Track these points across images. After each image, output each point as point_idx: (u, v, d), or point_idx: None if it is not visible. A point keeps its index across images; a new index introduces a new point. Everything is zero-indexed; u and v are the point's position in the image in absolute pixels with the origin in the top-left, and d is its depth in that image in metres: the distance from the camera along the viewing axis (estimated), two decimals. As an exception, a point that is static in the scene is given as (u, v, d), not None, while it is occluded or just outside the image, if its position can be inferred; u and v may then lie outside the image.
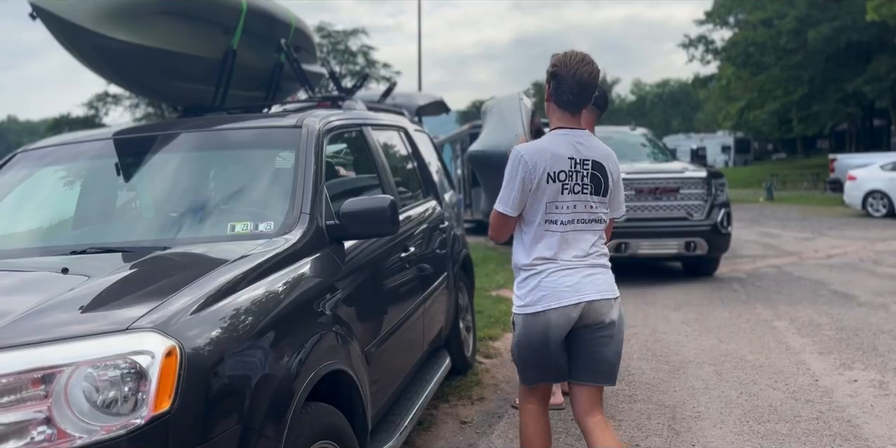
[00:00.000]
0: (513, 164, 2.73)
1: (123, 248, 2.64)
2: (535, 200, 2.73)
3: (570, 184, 2.71)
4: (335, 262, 2.78)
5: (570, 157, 2.72)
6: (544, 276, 2.73)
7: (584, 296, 2.71)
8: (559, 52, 2.82)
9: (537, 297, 2.73)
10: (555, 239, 2.74)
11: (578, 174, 2.73)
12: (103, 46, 3.40)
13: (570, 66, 2.70)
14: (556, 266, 2.74)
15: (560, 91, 2.74)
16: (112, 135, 3.49)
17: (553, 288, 2.71)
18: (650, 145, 10.40)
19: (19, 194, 3.27)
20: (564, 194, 2.71)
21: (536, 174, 2.68)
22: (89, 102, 43.84)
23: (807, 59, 29.01)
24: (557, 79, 2.73)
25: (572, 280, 2.72)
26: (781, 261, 10.00)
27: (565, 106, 2.76)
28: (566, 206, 2.73)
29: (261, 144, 3.25)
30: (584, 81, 2.70)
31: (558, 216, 2.73)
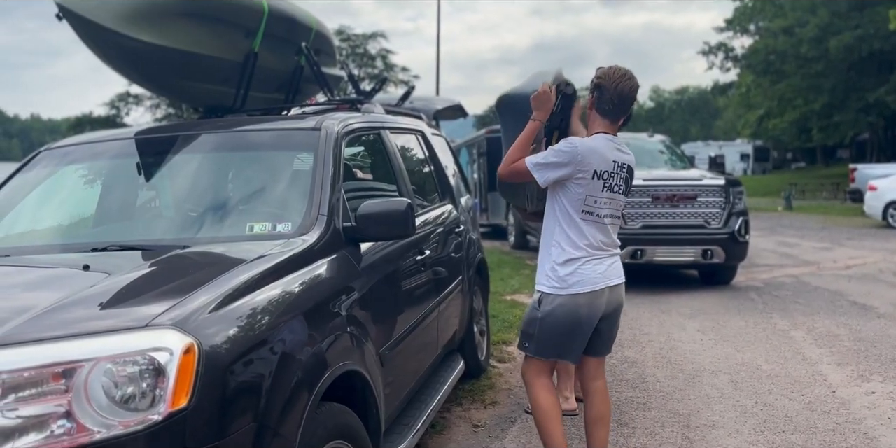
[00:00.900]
0: (567, 152, 3.03)
1: (143, 246, 2.67)
2: (576, 191, 3.07)
3: (609, 183, 3.09)
4: (351, 264, 2.80)
5: (614, 161, 3.10)
6: (581, 263, 3.10)
7: (611, 280, 3.15)
8: (604, 65, 3.18)
9: (573, 281, 3.09)
10: (591, 229, 3.10)
11: (617, 176, 3.12)
12: (127, 47, 3.43)
13: (614, 79, 3.04)
14: (589, 255, 3.10)
15: (602, 101, 3.10)
16: (133, 134, 3.53)
17: (587, 275, 3.09)
18: (668, 152, 10.36)
19: (42, 192, 3.32)
20: (603, 191, 3.09)
21: (585, 168, 3.02)
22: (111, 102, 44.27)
23: (828, 68, 28.76)
24: (601, 90, 3.08)
25: (601, 268, 3.13)
26: (799, 270, 9.92)
27: (606, 115, 3.12)
28: (603, 201, 3.11)
29: (280, 146, 3.28)
30: (624, 94, 3.07)
31: (596, 209, 3.10)
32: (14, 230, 3.14)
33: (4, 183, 3.36)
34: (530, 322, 3.24)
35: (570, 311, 3.11)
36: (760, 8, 32.83)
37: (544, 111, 3.25)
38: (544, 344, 3.19)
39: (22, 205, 3.27)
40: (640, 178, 8.39)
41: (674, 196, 8.24)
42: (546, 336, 3.17)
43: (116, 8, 3.39)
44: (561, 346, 3.20)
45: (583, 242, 3.10)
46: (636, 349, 5.83)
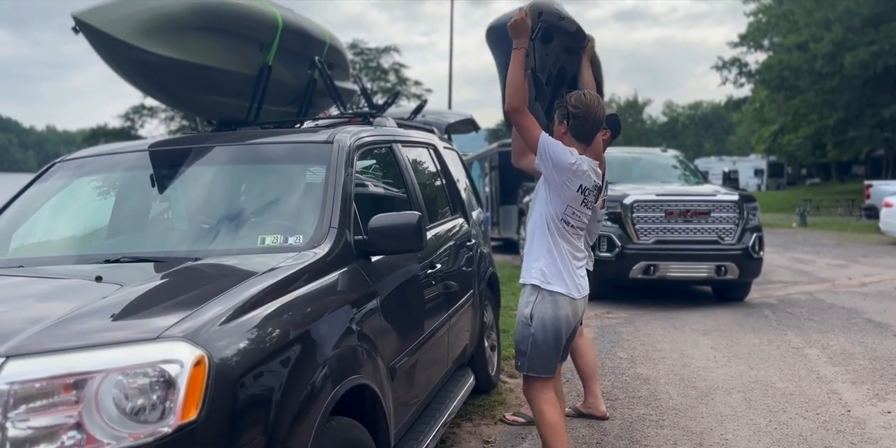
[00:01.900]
0: (570, 155, 3.22)
1: (156, 257, 2.68)
2: (560, 196, 3.29)
3: (587, 200, 3.35)
4: (362, 277, 2.80)
5: (593, 181, 3.33)
6: (562, 266, 3.32)
7: (585, 290, 3.44)
8: (573, 91, 3.36)
9: (561, 282, 3.31)
10: (569, 237, 3.35)
11: (592, 193, 3.37)
12: (143, 60, 3.46)
13: (591, 108, 3.25)
14: (567, 262, 3.33)
15: (580, 128, 3.29)
16: (147, 147, 3.55)
17: (572, 279, 3.34)
18: (681, 167, 10.33)
19: (56, 203, 3.35)
20: (581, 206, 3.33)
21: (576, 177, 3.24)
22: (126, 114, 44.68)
23: (843, 84, 28.64)
24: (579, 118, 3.27)
25: (581, 274, 3.42)
26: (814, 287, 9.83)
27: (581, 139, 3.32)
28: (580, 214, 3.36)
29: (292, 159, 3.29)
30: (599, 120, 3.31)
31: (573, 220, 3.34)
32: (28, 240, 3.17)
33: (20, 194, 3.38)
34: (522, 339, 3.39)
35: (562, 316, 3.32)
36: (774, 24, 32.80)
37: (523, 38, 3.29)
38: (542, 359, 3.36)
39: (37, 215, 3.29)
40: (654, 193, 8.41)
41: (687, 211, 8.20)
42: (544, 347, 3.34)
43: (132, 22, 3.43)
44: (552, 355, 3.38)
45: (567, 247, 3.34)
46: (649, 366, 5.78)
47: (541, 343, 3.32)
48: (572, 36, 3.83)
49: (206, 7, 3.71)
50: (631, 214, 8.18)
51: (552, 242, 3.31)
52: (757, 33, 36.38)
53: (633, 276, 8.16)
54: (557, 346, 3.36)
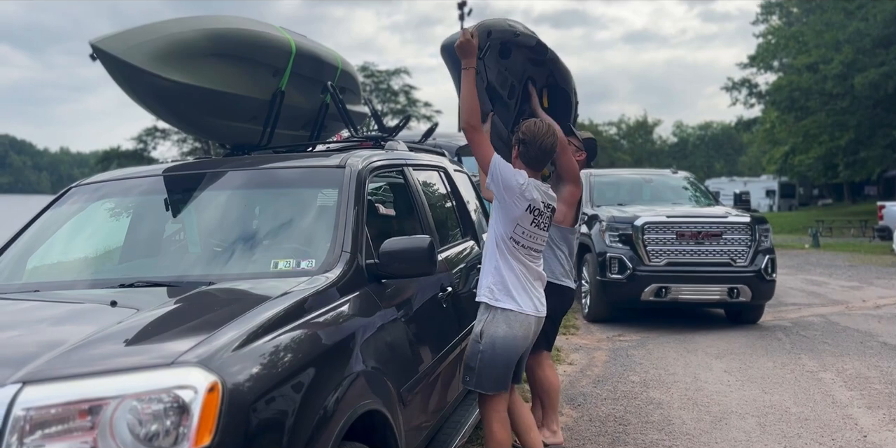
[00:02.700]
0: (519, 177, 3.34)
1: (170, 282, 2.70)
2: (508, 216, 3.38)
3: (539, 220, 3.42)
4: (374, 302, 2.80)
5: (542, 201, 3.42)
6: (512, 284, 3.39)
7: (541, 309, 3.49)
8: (528, 119, 3.55)
9: (511, 299, 3.38)
10: (521, 257, 3.42)
11: (545, 215, 3.46)
12: (158, 86, 3.51)
13: (538, 137, 3.39)
14: (519, 280, 3.41)
15: (527, 155, 3.44)
16: (162, 171, 3.59)
17: (526, 297, 3.41)
18: (692, 188, 10.31)
19: (72, 227, 3.38)
20: (531, 226, 3.41)
21: (524, 198, 3.34)
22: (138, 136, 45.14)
23: (853, 105, 28.61)
24: (525, 144, 3.42)
25: (538, 294, 3.47)
26: (828, 310, 9.74)
27: (529, 165, 3.45)
28: (531, 234, 3.42)
29: (305, 183, 3.32)
30: (546, 149, 3.42)
31: (523, 240, 3.41)
32: (44, 265, 3.20)
33: (36, 218, 3.42)
34: (472, 356, 3.47)
35: (519, 334, 3.40)
36: (784, 45, 32.89)
37: (470, 58, 3.46)
38: (498, 374, 3.43)
39: (52, 240, 3.33)
40: (664, 214, 8.40)
41: (699, 233, 8.18)
42: (502, 363, 3.42)
43: (148, 49, 3.48)
44: (506, 372, 3.45)
45: (520, 268, 3.41)
46: (661, 390, 5.74)
47: (488, 360, 3.40)
48: (533, 49, 4.07)
49: (220, 34, 3.76)
50: (642, 236, 8.17)
51: (501, 261, 3.41)
52: (766, 54, 36.49)
53: (644, 299, 8.12)
54: (507, 364, 3.44)
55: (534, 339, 3.56)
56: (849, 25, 26.55)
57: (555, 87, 4.43)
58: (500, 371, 3.43)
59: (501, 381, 3.46)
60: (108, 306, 2.34)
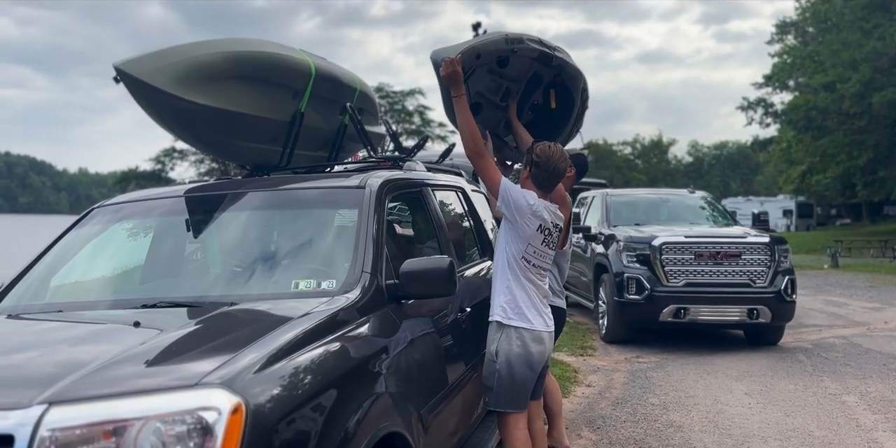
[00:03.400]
0: (529, 198, 3.44)
1: (192, 302, 2.71)
2: (520, 236, 3.45)
3: (548, 239, 3.49)
4: (394, 322, 2.80)
5: (551, 221, 3.51)
6: (524, 302, 3.45)
7: (551, 326, 3.55)
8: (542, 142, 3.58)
9: (523, 317, 3.44)
10: (531, 276, 3.49)
11: (553, 234, 3.54)
12: (181, 108, 3.55)
13: (552, 161, 3.47)
14: (531, 298, 3.48)
15: (539, 177, 3.51)
16: (184, 192, 3.62)
17: (537, 315, 3.48)
18: (709, 208, 10.25)
19: (95, 248, 3.41)
20: (542, 245, 3.48)
21: (535, 217, 3.42)
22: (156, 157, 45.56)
23: (871, 124, 28.43)
24: (538, 167, 3.49)
25: (547, 311, 3.56)
26: (849, 331, 9.61)
27: (540, 186, 3.53)
28: (541, 253, 3.50)
29: (325, 204, 3.34)
30: (558, 173, 3.51)
31: (534, 259, 3.48)
32: (68, 284, 3.23)
33: (59, 238, 3.45)
34: (489, 376, 3.49)
35: (535, 351, 3.44)
36: (800, 64, 32.80)
37: (458, 86, 3.60)
38: (517, 393, 3.47)
39: (76, 260, 3.36)
40: (682, 234, 8.35)
41: (717, 254, 8.11)
42: (520, 381, 3.46)
43: (171, 71, 3.53)
44: (525, 389, 3.49)
45: (530, 286, 3.48)
46: (682, 413, 5.66)
47: (506, 379, 3.44)
48: (538, 59, 4.14)
49: (242, 57, 3.81)
50: (660, 256, 8.12)
51: (513, 280, 3.47)
52: (782, 74, 36.39)
53: (662, 320, 8.04)
54: (525, 381, 3.47)
55: (549, 354, 3.61)
56: (866, 44, 26.45)
57: (562, 87, 4.47)
58: (519, 389, 3.48)
59: (520, 399, 3.50)
60: (130, 327, 2.36)
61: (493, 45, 3.88)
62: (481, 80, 4.27)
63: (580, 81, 4.46)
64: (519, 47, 3.94)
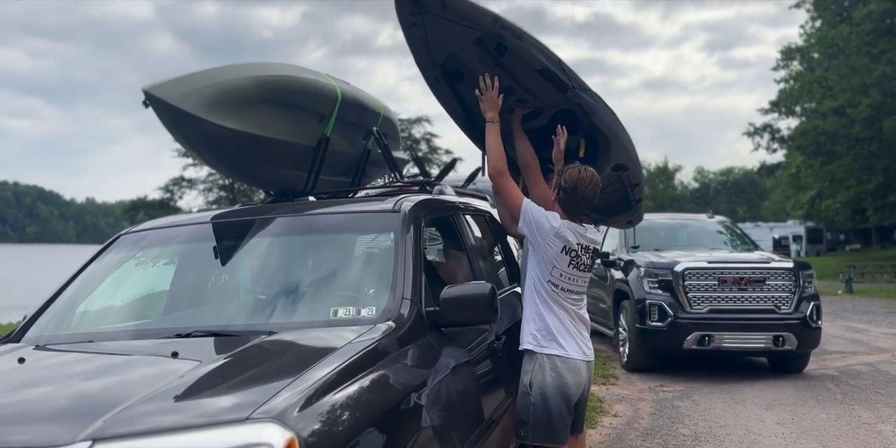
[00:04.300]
0: (553, 219, 3.35)
1: (228, 331, 2.60)
2: (544, 258, 3.35)
3: (577, 261, 3.37)
4: (436, 351, 2.70)
5: (577, 242, 3.38)
6: (556, 328, 3.32)
7: (589, 354, 3.42)
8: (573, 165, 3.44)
9: (557, 344, 3.31)
10: (561, 300, 3.36)
11: (585, 255, 3.41)
12: (210, 133, 3.49)
13: (580, 186, 3.35)
14: (563, 323, 3.35)
15: (567, 202, 3.41)
16: (211, 218, 3.54)
17: (571, 341, 3.34)
18: (728, 233, 10.14)
19: (121, 275, 3.32)
20: (570, 267, 3.36)
21: (558, 238, 3.32)
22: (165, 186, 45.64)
23: (882, 148, 28.39)
24: (567, 192, 3.38)
25: (584, 337, 3.42)
26: (874, 358, 9.41)
27: (567, 210, 3.42)
28: (569, 276, 3.37)
29: (359, 229, 3.25)
30: (587, 199, 3.40)
31: (561, 282, 3.36)
32: (95, 314, 3.12)
33: (86, 266, 3.36)
34: (523, 409, 3.32)
35: (570, 381, 3.30)
36: (807, 89, 32.86)
37: (494, 112, 3.59)
38: (554, 427, 3.30)
39: (102, 288, 3.26)
40: (705, 260, 8.22)
41: (741, 279, 7.97)
42: (556, 415, 3.29)
43: (201, 95, 3.47)
44: (564, 422, 3.33)
45: (561, 312, 3.35)
46: (714, 443, 5.49)
47: (541, 412, 3.28)
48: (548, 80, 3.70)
49: (270, 81, 3.76)
50: (682, 282, 7.97)
51: (541, 305, 3.35)
52: (789, 99, 36.43)
53: (686, 347, 7.87)
54: (561, 413, 3.31)
55: (588, 385, 3.45)
56: (875, 69, 26.51)
57: (593, 134, 3.99)
58: (556, 421, 3.31)
59: (558, 432, 3.33)
60: (169, 358, 2.25)
61: (471, 11, 3.44)
62: (458, 44, 3.72)
63: (618, 132, 3.94)
64: (511, 40, 3.49)
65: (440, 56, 3.90)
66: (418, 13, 3.58)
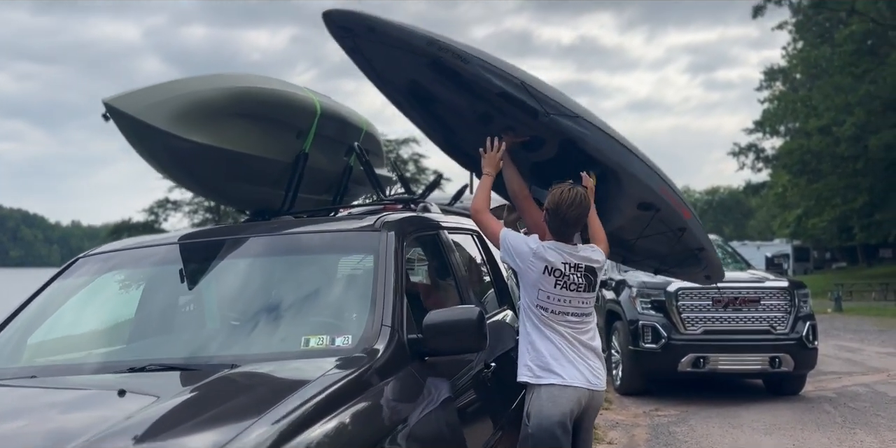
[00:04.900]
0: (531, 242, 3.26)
1: (187, 365, 2.35)
2: (529, 281, 3.24)
3: (564, 281, 3.21)
4: (418, 384, 2.46)
5: (563, 262, 3.23)
6: (551, 356, 3.17)
7: (594, 381, 3.24)
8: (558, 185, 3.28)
9: (552, 373, 3.16)
10: (554, 325, 3.21)
11: (574, 275, 3.24)
12: (177, 148, 3.27)
13: (561, 208, 3.22)
14: (560, 350, 3.20)
15: (551, 224, 3.29)
16: (178, 239, 3.30)
17: (570, 368, 3.17)
18: (720, 252, 9.96)
19: (78, 302, 3.06)
20: (557, 288, 3.21)
21: (538, 260, 3.20)
22: (150, 208, 45.28)
23: (867, 167, 28.56)
24: (551, 214, 3.26)
25: (589, 364, 3.23)
26: (870, 378, 9.22)
27: (555, 233, 3.29)
28: (558, 297, 3.22)
29: (337, 249, 3.02)
30: (571, 221, 3.26)
31: (550, 305, 3.22)
32: (47, 344, 2.86)
33: (38, 292, 3.09)
34: (522, 441, 3.21)
35: (556, 420, 3.13)
36: (791, 109, 33.13)
37: (492, 168, 3.54)
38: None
39: (57, 315, 3.00)
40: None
41: (736, 299, 7.77)
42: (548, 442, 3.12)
43: (167, 107, 3.26)
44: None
45: (556, 338, 3.21)
46: (714, 471, 5.24)
47: (540, 443, 3.13)
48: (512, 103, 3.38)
49: (244, 93, 3.55)
50: (676, 302, 7.76)
51: (534, 333, 3.24)
52: (773, 119, 36.71)
53: (681, 370, 7.64)
54: (558, 443, 3.15)
55: (593, 414, 3.33)
56: (859, 88, 26.73)
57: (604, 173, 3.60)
58: (560, 439, 3.13)
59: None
60: (115, 395, 2.00)
61: (403, 34, 3.21)
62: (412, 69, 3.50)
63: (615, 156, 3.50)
64: (454, 63, 3.19)
65: (400, 82, 3.73)
66: (349, 37, 3.42)
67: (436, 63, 3.32)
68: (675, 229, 3.98)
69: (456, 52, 3.21)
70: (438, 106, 3.83)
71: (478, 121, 3.71)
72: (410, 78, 3.64)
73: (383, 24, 3.26)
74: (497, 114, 3.57)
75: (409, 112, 3.98)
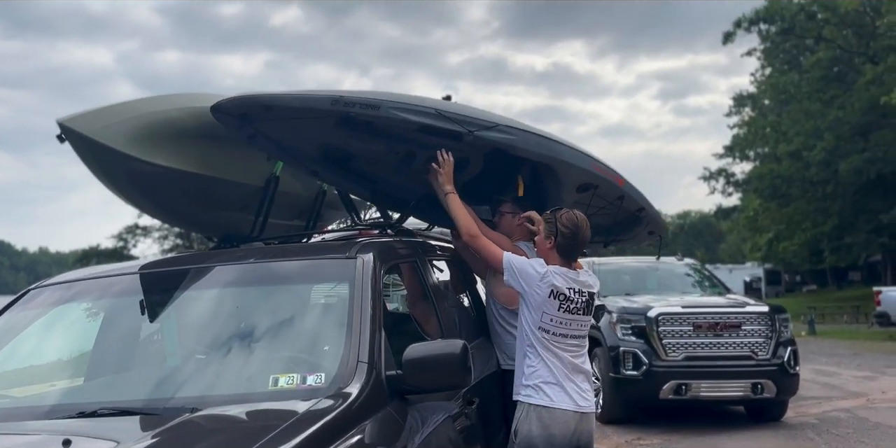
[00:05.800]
0: (538, 266, 3.23)
1: (143, 409, 2.13)
2: (533, 304, 3.21)
3: (568, 306, 3.22)
4: (398, 425, 2.26)
5: (567, 287, 3.23)
6: (544, 378, 3.16)
7: (585, 404, 3.22)
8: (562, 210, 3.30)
9: (544, 395, 3.14)
10: (553, 347, 3.21)
11: (578, 300, 3.25)
12: (137, 171, 3.09)
13: (581, 230, 3.26)
14: (555, 373, 3.18)
15: (566, 247, 3.28)
16: (139, 269, 3.08)
17: (560, 392, 3.16)
18: (698, 276, 9.91)
19: (25, 338, 2.82)
20: (561, 312, 3.21)
21: (544, 283, 3.18)
22: (119, 234, 44.62)
23: (836, 191, 28.95)
24: (567, 239, 3.26)
25: (580, 387, 3.23)
26: (850, 403, 9.14)
27: (564, 255, 3.29)
28: (560, 320, 3.22)
29: (309, 278, 2.83)
30: (585, 241, 3.33)
31: (552, 327, 3.21)
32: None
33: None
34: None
35: (544, 441, 3.09)
36: (761, 134, 33.60)
37: (449, 183, 3.44)
38: None
39: (3, 352, 2.75)
40: (678, 305, 7.91)
41: (717, 324, 7.65)
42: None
43: (125, 128, 3.08)
44: None
45: (549, 360, 3.20)
46: (702, 505, 5.07)
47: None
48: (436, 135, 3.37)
49: (209, 113, 3.37)
50: (657, 328, 7.63)
51: (532, 356, 3.24)
52: (743, 144, 37.23)
53: (663, 397, 7.48)
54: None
55: (585, 438, 3.24)
56: (828, 114, 27.19)
57: (536, 171, 3.78)
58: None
59: None
60: (59, 446, 1.78)
61: (303, 103, 3.18)
62: (321, 133, 3.45)
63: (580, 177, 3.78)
64: (366, 115, 3.16)
65: (311, 150, 3.59)
66: (247, 125, 3.24)
67: (345, 120, 3.22)
68: (614, 199, 4.10)
69: (363, 102, 3.15)
70: (355, 162, 3.74)
71: (401, 162, 3.66)
72: (321, 143, 3.55)
73: (280, 98, 3.18)
74: (420, 149, 3.53)
75: (329, 177, 3.88)
